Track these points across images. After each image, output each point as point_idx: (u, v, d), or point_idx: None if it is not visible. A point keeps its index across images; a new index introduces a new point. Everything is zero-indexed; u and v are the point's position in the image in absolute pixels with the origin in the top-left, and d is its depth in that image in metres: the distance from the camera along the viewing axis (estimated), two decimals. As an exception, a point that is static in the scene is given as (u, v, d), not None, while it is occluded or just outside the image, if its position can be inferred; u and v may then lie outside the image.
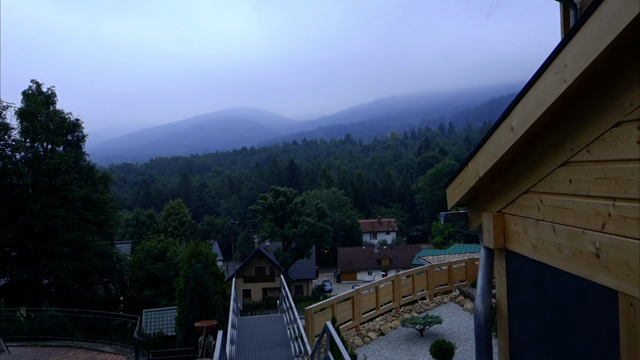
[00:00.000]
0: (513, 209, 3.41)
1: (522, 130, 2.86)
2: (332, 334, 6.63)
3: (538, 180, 2.98)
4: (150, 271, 31.35)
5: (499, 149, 3.22)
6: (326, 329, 7.09)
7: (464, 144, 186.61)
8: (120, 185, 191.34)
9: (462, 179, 3.94)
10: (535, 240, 3.10)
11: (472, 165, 3.68)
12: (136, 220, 75.70)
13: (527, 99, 2.84)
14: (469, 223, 4.31)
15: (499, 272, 3.96)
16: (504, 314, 4.01)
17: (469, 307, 17.26)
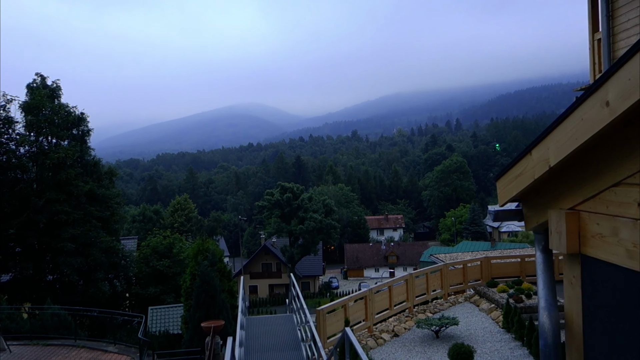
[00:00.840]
0: (594, 205, 2.79)
1: (626, 105, 2.23)
2: (353, 342, 6.04)
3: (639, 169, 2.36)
4: (156, 268, 30.83)
5: (582, 131, 2.60)
6: (345, 336, 6.50)
7: (471, 140, 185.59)
8: (126, 180, 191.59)
9: (521, 170, 3.32)
10: (631, 245, 2.48)
11: (539, 152, 3.06)
12: (142, 215, 75.37)
13: (635, 62, 2.20)
14: (525, 222, 3.68)
15: (570, 282, 3.33)
16: (576, 332, 3.38)
17: (485, 308, 16.63)
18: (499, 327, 14.98)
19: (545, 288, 3.55)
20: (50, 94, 30.13)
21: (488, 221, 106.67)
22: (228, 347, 6.17)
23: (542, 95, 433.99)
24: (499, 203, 3.79)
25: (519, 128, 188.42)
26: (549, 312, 3.55)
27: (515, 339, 13.86)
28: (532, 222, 3.59)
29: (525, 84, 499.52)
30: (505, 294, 16.56)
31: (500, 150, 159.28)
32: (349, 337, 6.26)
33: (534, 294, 16.22)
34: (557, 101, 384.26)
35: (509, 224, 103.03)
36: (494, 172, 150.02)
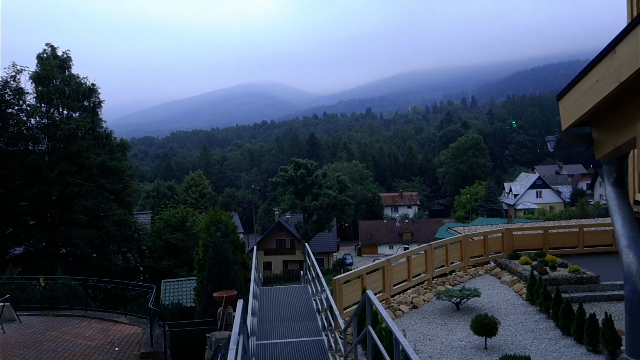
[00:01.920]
0: None
1: None
2: (375, 304, 5.46)
3: None
4: (170, 241, 30.56)
5: None
6: (367, 298, 5.92)
7: (487, 118, 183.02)
8: (141, 158, 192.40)
9: (599, 75, 2.65)
10: None
11: (628, 46, 2.38)
12: (156, 191, 75.49)
13: None
14: (596, 148, 3.03)
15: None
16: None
17: (507, 280, 16.01)
18: (522, 299, 14.38)
19: (625, 225, 2.90)
20: (61, 65, 29.66)
21: (504, 198, 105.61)
22: (238, 309, 5.63)
23: (560, 72, 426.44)
24: (562, 127, 3.13)
25: (536, 105, 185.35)
26: (635, 250, 2.89)
27: (540, 312, 13.25)
28: (607, 147, 2.93)
29: (542, 61, 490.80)
30: (529, 265, 15.93)
31: (516, 127, 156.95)
32: (371, 299, 5.69)
33: (559, 266, 15.57)
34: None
35: (525, 201, 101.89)
36: (510, 150, 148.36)
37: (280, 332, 10.86)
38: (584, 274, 14.77)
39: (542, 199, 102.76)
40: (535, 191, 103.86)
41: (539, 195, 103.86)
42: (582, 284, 14.51)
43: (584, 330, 10.82)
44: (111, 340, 14.07)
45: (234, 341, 4.50)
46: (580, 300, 13.63)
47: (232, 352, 4.28)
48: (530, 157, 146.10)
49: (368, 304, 5.91)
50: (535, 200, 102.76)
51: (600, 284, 14.52)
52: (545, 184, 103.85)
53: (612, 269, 15.60)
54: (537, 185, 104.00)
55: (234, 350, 4.31)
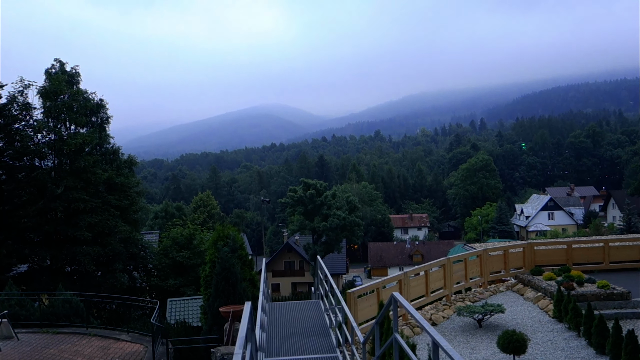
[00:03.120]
0: None
1: None
2: (405, 306, 4.73)
3: None
4: (176, 259, 29.82)
5: None
6: (393, 300, 5.19)
7: (496, 140, 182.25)
8: (150, 180, 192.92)
9: None
10: None
11: None
12: (165, 212, 74.93)
13: None
14: None
15: None
16: None
17: (531, 296, 15.12)
18: (549, 316, 13.50)
19: None
20: (69, 80, 29.37)
21: (515, 220, 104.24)
22: (245, 314, 4.89)
23: (569, 94, 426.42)
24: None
25: (546, 127, 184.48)
26: None
27: (570, 329, 12.37)
28: None
29: (551, 84, 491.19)
30: (553, 281, 15.05)
31: (526, 149, 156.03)
32: (399, 301, 4.96)
33: (586, 282, 14.69)
34: (583, 100, 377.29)
35: (537, 222, 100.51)
36: (520, 172, 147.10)
37: (290, 349, 10.06)
38: (614, 289, 13.89)
39: (555, 220, 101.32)
40: (547, 213, 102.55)
41: (551, 217, 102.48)
42: (612, 300, 13.62)
43: (621, 348, 9.93)
44: (111, 358, 13.29)
45: (239, 345, 3.79)
46: (610, 318, 12.74)
47: (237, 356, 3.56)
48: (540, 179, 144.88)
49: (394, 308, 5.17)
50: (547, 222, 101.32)
51: (632, 301, 13.63)
52: (557, 205, 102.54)
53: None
54: (549, 207, 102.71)
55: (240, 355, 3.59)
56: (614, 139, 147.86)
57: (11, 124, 27.09)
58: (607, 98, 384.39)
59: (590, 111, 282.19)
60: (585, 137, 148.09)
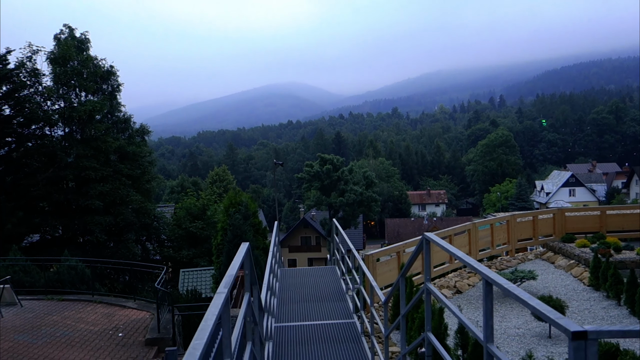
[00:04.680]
0: None
1: None
2: (443, 245, 3.77)
3: None
4: (190, 230, 29.18)
5: None
6: (425, 242, 4.24)
7: (516, 116, 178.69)
8: (168, 157, 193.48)
9: None
10: None
11: None
12: (181, 187, 74.62)
13: None
14: None
15: None
16: None
17: (563, 264, 14.08)
18: (584, 284, 12.47)
19: None
20: (79, 46, 28.50)
21: (535, 196, 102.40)
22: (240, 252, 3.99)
23: (591, 71, 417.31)
24: None
25: (567, 103, 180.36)
26: None
27: (609, 297, 11.34)
28: None
29: (572, 60, 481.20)
30: (587, 248, 13.98)
31: (547, 126, 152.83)
32: (432, 239, 4.01)
33: (623, 249, 13.60)
34: (606, 77, 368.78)
35: (558, 199, 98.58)
36: (540, 149, 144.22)
37: (303, 314, 9.20)
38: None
39: (576, 197, 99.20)
40: (568, 189, 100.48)
41: (572, 193, 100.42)
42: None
43: (671, 316, 8.92)
44: (115, 325, 12.59)
45: (224, 283, 2.86)
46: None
47: (219, 295, 2.65)
48: (561, 156, 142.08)
49: (427, 252, 4.23)
50: (569, 198, 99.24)
51: (675, 268, 12.52)
52: (578, 182, 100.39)
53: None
54: (570, 184, 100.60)
55: (223, 294, 2.67)
56: (638, 115, 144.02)
57: (20, 90, 26.39)
58: (631, 74, 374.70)
59: (613, 87, 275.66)
60: (607, 113, 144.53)
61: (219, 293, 2.69)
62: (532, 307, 2.29)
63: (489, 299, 2.95)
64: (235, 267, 3.30)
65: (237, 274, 3.43)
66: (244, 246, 4.10)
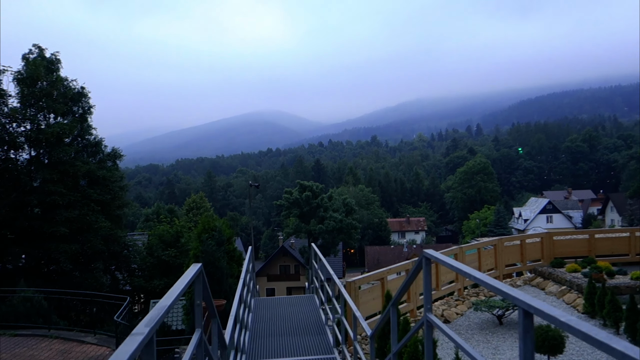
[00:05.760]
0: None
1: None
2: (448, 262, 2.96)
3: None
4: (162, 258, 27.91)
5: None
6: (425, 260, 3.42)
7: (493, 144, 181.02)
8: (145, 185, 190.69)
9: None
10: None
11: None
12: (156, 214, 72.87)
13: None
14: None
15: None
16: None
17: (554, 290, 13.33)
18: (578, 312, 11.69)
19: None
20: (48, 67, 27.45)
21: (514, 223, 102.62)
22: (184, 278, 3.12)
23: (564, 101, 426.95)
24: None
25: (542, 132, 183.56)
26: None
27: (606, 325, 10.56)
28: None
29: (546, 90, 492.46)
30: (579, 273, 13.26)
31: (523, 154, 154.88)
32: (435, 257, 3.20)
33: (616, 273, 12.91)
34: (578, 106, 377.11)
35: (536, 226, 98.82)
36: (517, 176, 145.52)
37: (278, 349, 8.24)
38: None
39: (553, 224, 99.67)
40: (545, 216, 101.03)
41: (549, 220, 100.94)
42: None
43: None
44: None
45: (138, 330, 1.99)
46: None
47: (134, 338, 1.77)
48: (537, 183, 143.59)
49: (426, 272, 3.40)
50: (546, 225, 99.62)
51: (673, 294, 11.83)
52: (555, 208, 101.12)
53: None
54: (547, 210, 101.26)
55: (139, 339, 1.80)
56: (610, 143, 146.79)
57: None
58: (602, 104, 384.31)
59: (586, 117, 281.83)
60: (581, 142, 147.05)
61: (134, 335, 1.82)
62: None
63: (529, 336, 2.11)
64: (172, 297, 2.44)
65: (173, 304, 2.53)
66: (192, 269, 3.24)
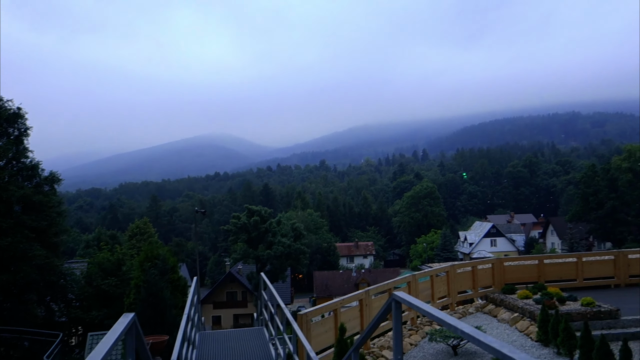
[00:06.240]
0: None
1: None
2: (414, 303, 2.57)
3: None
4: (101, 287, 26.48)
5: None
6: (394, 304, 3.02)
7: (439, 169, 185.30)
8: (86, 210, 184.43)
9: None
10: None
11: None
12: (97, 241, 70.10)
13: None
14: None
15: None
16: None
17: (506, 318, 13.22)
18: (532, 340, 11.58)
19: None
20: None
21: (459, 247, 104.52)
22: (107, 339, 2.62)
23: (505, 127, 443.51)
24: None
25: (485, 157, 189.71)
26: None
27: (560, 354, 10.46)
28: None
29: (488, 117, 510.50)
30: (530, 300, 13.23)
31: (467, 179, 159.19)
32: (406, 300, 2.80)
33: (567, 299, 12.93)
34: (519, 133, 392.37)
35: (481, 249, 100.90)
36: (461, 200, 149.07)
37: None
38: (600, 307, 12.18)
39: (497, 247, 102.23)
40: (490, 240, 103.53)
41: (493, 243, 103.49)
42: (600, 319, 11.89)
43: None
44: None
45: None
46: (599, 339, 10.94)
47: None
48: (482, 207, 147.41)
49: (396, 316, 2.99)
50: (490, 248, 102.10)
51: (621, 319, 11.93)
52: (499, 232, 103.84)
53: (626, 302, 13.11)
54: (491, 234, 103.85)
55: None
56: (549, 169, 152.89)
57: None
58: (541, 131, 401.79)
59: (526, 143, 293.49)
60: (522, 167, 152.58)
61: None
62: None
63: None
64: None
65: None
66: (123, 320, 2.73)
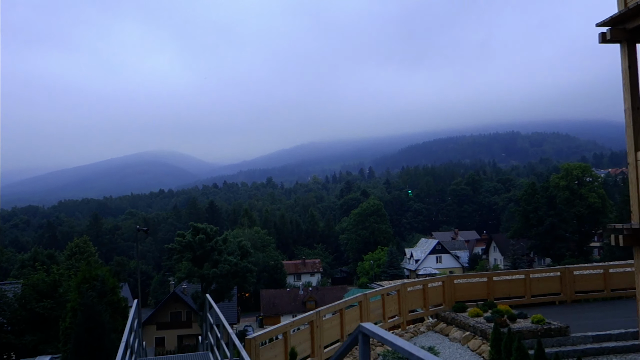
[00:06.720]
0: None
1: None
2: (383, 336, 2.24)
3: None
4: (35, 310, 25.01)
5: None
6: (361, 337, 2.68)
7: (385, 187, 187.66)
8: (22, 228, 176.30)
9: None
10: None
11: None
12: (33, 260, 66.80)
13: None
14: None
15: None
16: None
17: (458, 337, 13.11)
18: (484, 359, 11.48)
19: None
20: None
21: (406, 264, 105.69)
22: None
23: (448, 146, 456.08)
24: None
25: (430, 175, 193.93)
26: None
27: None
28: None
29: (432, 136, 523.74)
30: (481, 318, 13.17)
31: (412, 196, 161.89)
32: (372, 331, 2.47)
33: (517, 317, 12.95)
34: (461, 151, 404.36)
35: (426, 266, 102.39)
36: (407, 217, 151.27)
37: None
38: (550, 324, 12.24)
39: (442, 264, 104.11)
40: (435, 256, 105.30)
41: (439, 260, 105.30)
42: (550, 336, 11.93)
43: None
44: None
45: None
46: (550, 357, 10.95)
47: None
48: (427, 225, 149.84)
49: (364, 350, 2.67)
50: (436, 265, 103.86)
51: (571, 337, 12.01)
52: (444, 249, 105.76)
53: (574, 319, 13.27)
54: (436, 251, 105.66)
55: None
56: (491, 187, 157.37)
57: None
58: (482, 150, 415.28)
59: (468, 162, 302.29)
60: (465, 185, 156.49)
61: None
62: None
63: None
64: None
65: None
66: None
